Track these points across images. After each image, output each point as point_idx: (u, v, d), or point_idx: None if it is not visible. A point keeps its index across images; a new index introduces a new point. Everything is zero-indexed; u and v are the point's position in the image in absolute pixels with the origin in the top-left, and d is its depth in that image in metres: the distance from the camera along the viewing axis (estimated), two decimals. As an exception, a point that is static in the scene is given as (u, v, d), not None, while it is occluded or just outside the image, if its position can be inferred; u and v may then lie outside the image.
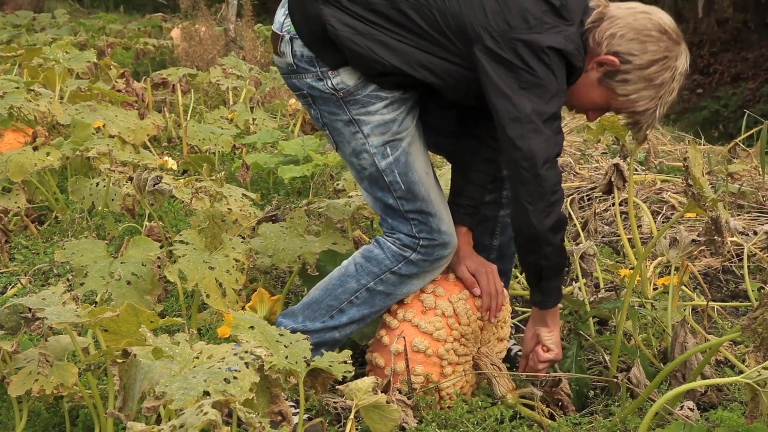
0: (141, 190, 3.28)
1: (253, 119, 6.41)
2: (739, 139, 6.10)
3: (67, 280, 3.67)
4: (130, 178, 3.39)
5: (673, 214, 4.64)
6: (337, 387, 2.37)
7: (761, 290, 3.70)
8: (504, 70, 2.52)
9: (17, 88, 4.96)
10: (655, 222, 4.51)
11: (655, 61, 2.58)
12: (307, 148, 5.05)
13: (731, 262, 4.14)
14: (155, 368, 1.89)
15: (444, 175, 3.36)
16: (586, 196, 5.09)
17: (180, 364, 1.89)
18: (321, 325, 2.76)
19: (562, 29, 2.54)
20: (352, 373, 2.28)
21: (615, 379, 2.85)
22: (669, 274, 3.74)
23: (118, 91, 6.07)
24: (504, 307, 2.87)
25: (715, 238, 2.82)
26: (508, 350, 3.10)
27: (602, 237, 4.48)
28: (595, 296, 3.26)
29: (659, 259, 3.82)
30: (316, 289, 2.82)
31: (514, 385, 2.79)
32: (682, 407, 2.61)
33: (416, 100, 2.73)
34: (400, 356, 2.71)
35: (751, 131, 6.22)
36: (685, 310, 3.29)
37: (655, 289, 3.59)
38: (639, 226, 4.41)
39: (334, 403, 2.70)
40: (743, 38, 17.29)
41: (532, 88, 2.52)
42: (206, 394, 1.76)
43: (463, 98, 2.73)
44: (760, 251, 4.06)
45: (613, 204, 4.67)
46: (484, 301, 2.80)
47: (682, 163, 2.72)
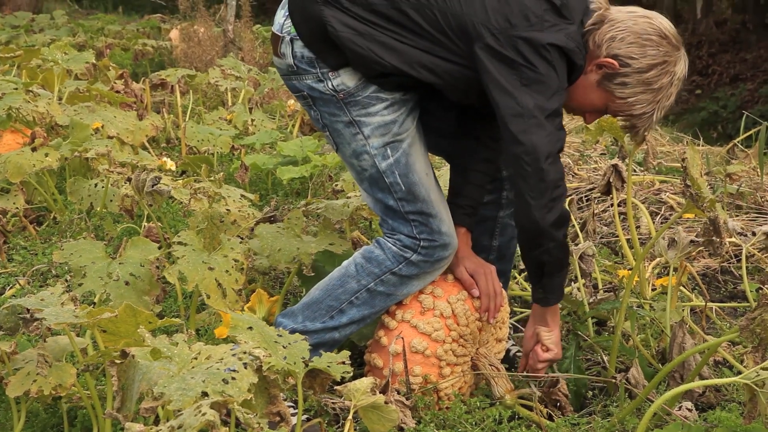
0: (139, 191, 3.29)
1: (252, 120, 6.40)
2: (738, 140, 6.09)
3: (66, 280, 3.67)
4: (129, 179, 3.38)
5: (671, 215, 4.64)
6: (335, 387, 2.37)
7: (759, 291, 3.70)
8: (505, 68, 2.52)
9: (16, 89, 4.95)
10: (654, 223, 4.52)
11: (655, 66, 2.59)
12: (305, 148, 5.05)
13: (730, 263, 4.14)
14: (153, 369, 1.89)
15: (443, 176, 3.36)
16: (585, 196, 5.09)
17: (178, 364, 1.89)
18: (321, 325, 2.76)
19: (562, 27, 2.54)
20: (351, 374, 2.28)
21: (613, 380, 2.85)
22: (667, 274, 3.74)
23: (117, 92, 6.07)
24: (502, 308, 2.87)
25: (714, 238, 2.82)
26: (507, 351, 3.10)
27: (601, 238, 4.48)
28: (593, 297, 3.26)
29: (658, 259, 3.82)
30: (316, 289, 2.82)
31: (512, 385, 2.79)
32: (680, 407, 2.61)
33: (417, 102, 2.73)
34: (399, 357, 2.71)
35: (750, 132, 6.22)
36: (683, 310, 3.29)
37: (653, 290, 3.59)
38: (637, 227, 4.41)
39: (333, 403, 2.70)
40: (742, 39, 17.31)
41: (533, 85, 2.52)
42: (204, 394, 1.76)
43: (464, 98, 2.73)
44: (758, 252, 4.06)
45: (612, 205, 4.67)
46: (482, 302, 2.80)
47: (680, 164, 2.72)
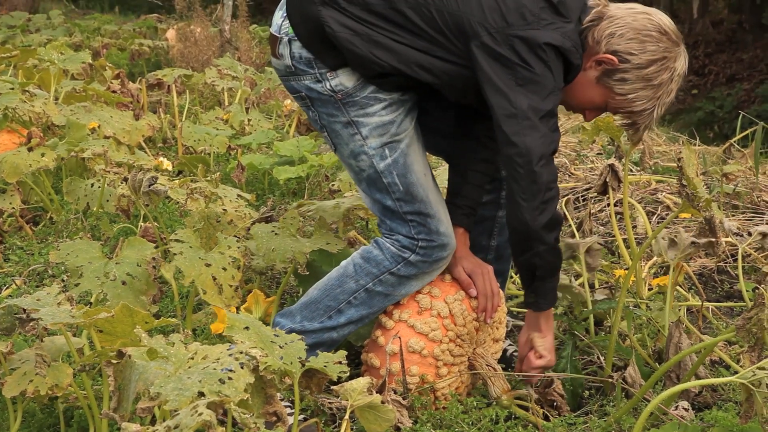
0: (136, 191, 3.28)
1: (249, 120, 6.41)
2: (734, 139, 6.10)
3: (62, 280, 3.67)
4: (125, 179, 3.38)
5: (668, 215, 4.64)
6: (332, 387, 2.37)
7: (756, 290, 3.70)
8: (500, 67, 2.52)
9: (12, 89, 4.96)
10: (650, 223, 4.52)
11: (654, 61, 2.58)
12: (302, 148, 5.06)
13: (726, 263, 4.15)
14: (150, 369, 1.89)
15: (440, 175, 3.36)
16: (581, 196, 5.10)
17: (175, 364, 1.89)
18: (319, 325, 2.75)
19: (559, 26, 2.54)
20: (348, 374, 2.28)
21: (610, 379, 2.85)
22: (664, 274, 3.75)
23: (114, 92, 6.08)
24: (500, 308, 2.87)
25: (711, 239, 2.82)
26: (504, 351, 3.10)
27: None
28: (591, 296, 3.26)
29: (654, 259, 3.83)
30: (314, 289, 2.81)
31: (509, 386, 2.79)
32: (676, 407, 2.62)
33: (415, 102, 2.73)
34: (396, 357, 2.71)
35: (746, 132, 6.24)
36: (680, 310, 3.29)
37: (650, 290, 3.59)
38: (634, 227, 4.42)
39: (330, 403, 2.70)
40: (738, 39, 17.33)
41: (528, 85, 2.52)
42: (201, 394, 1.75)
43: (462, 97, 2.73)
44: (754, 252, 4.06)
45: (608, 204, 4.68)
46: (480, 302, 2.79)
47: (676, 164, 2.72)
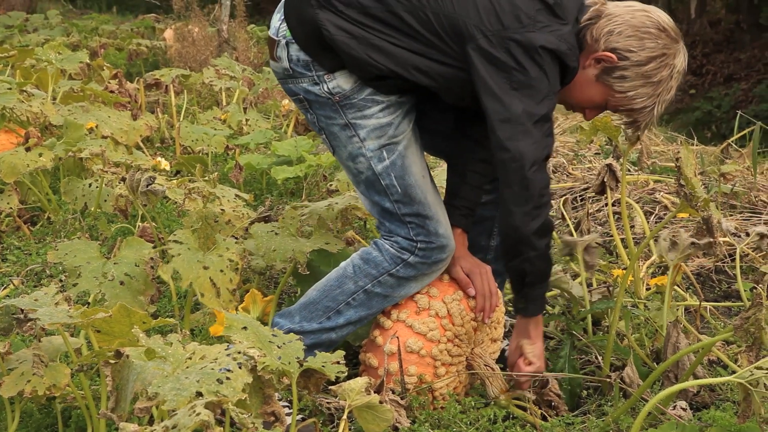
0: (134, 191, 3.28)
1: (246, 120, 6.40)
2: (732, 139, 6.12)
3: (60, 280, 3.66)
4: (123, 179, 3.38)
5: (665, 215, 4.64)
6: (330, 387, 2.37)
7: (753, 290, 3.70)
8: (496, 71, 2.52)
9: (10, 89, 4.95)
10: (648, 222, 4.52)
11: (653, 58, 2.58)
12: (300, 148, 5.05)
13: (724, 263, 4.15)
14: (148, 369, 1.89)
15: (438, 176, 3.36)
16: (579, 196, 5.10)
17: (173, 364, 1.89)
18: (318, 326, 2.75)
19: (555, 28, 2.54)
20: (346, 374, 2.28)
21: (608, 379, 2.85)
22: (662, 274, 3.75)
23: (111, 91, 6.07)
24: (498, 308, 2.87)
25: (710, 239, 2.82)
26: (502, 351, 3.10)
27: (595, 237, 4.48)
28: (589, 296, 3.26)
29: (652, 259, 3.83)
30: (313, 289, 2.81)
31: (507, 385, 2.79)
32: (674, 407, 2.62)
33: (413, 104, 2.73)
34: (394, 357, 2.71)
35: (744, 132, 6.24)
36: (677, 310, 3.29)
37: (647, 289, 3.59)
38: (632, 227, 4.42)
39: (328, 403, 2.70)
40: (736, 39, 17.34)
41: (523, 89, 2.52)
42: (199, 394, 1.75)
43: (459, 100, 2.73)
44: (752, 251, 4.07)
45: (606, 204, 4.68)
46: (478, 302, 2.79)
47: (674, 164, 2.72)
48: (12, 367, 2.37)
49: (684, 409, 2.61)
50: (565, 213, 3.98)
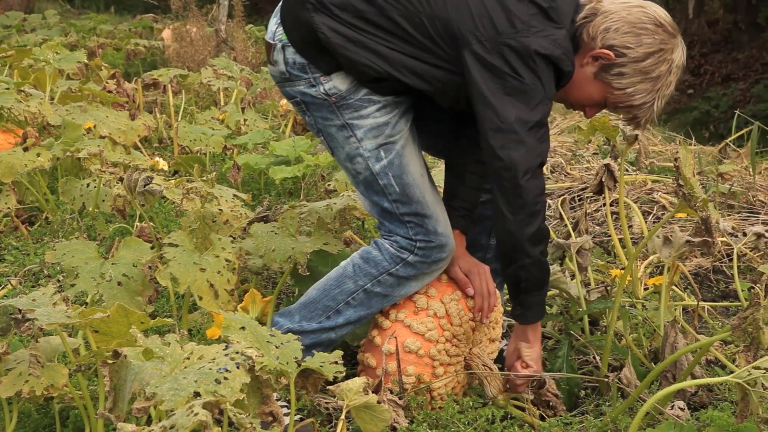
0: (132, 191, 3.28)
1: (244, 120, 6.40)
2: (730, 139, 6.12)
3: (58, 281, 3.66)
4: (121, 179, 3.38)
5: (663, 215, 4.64)
6: (328, 387, 2.37)
7: (751, 290, 3.70)
8: (490, 76, 2.51)
9: (7, 88, 4.95)
10: (646, 222, 4.52)
11: (651, 54, 2.57)
12: (298, 148, 5.05)
13: (721, 262, 4.15)
14: (146, 369, 1.89)
15: (437, 175, 3.36)
16: (577, 196, 5.10)
17: (170, 364, 1.89)
18: (317, 325, 2.75)
19: (549, 33, 2.53)
20: (344, 374, 2.28)
21: (606, 379, 2.85)
22: (660, 274, 3.75)
23: (109, 91, 6.06)
24: (496, 308, 2.87)
25: (707, 238, 2.82)
26: (500, 351, 3.10)
27: (593, 237, 4.49)
28: (586, 296, 3.26)
29: (650, 259, 3.83)
30: (313, 289, 2.81)
31: (505, 386, 2.79)
32: (672, 407, 2.62)
33: (410, 103, 2.73)
34: (392, 356, 2.71)
35: (742, 132, 6.25)
36: (675, 310, 3.29)
37: (645, 289, 3.59)
38: (630, 227, 4.42)
39: (326, 403, 2.70)
40: (733, 39, 17.34)
41: (517, 95, 2.51)
42: (197, 394, 1.75)
43: (454, 103, 2.72)
44: (750, 251, 4.07)
45: (604, 204, 4.68)
46: (476, 302, 2.79)
47: (672, 164, 2.72)
48: (10, 368, 2.37)
49: (682, 409, 2.61)
50: (563, 213, 3.97)
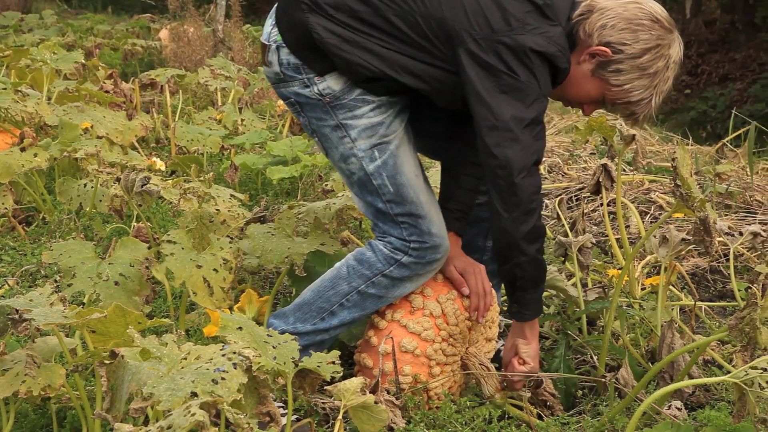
0: (129, 191, 3.28)
1: (242, 120, 6.40)
2: (727, 139, 6.12)
3: (55, 281, 3.66)
4: (118, 179, 3.37)
5: (661, 215, 4.65)
6: (325, 388, 2.37)
7: (748, 290, 3.70)
8: (486, 74, 2.51)
9: (5, 89, 4.95)
10: (643, 222, 4.53)
11: (648, 50, 2.57)
12: (295, 148, 5.05)
13: (718, 262, 4.15)
14: (143, 369, 1.89)
15: (432, 176, 3.36)
16: (575, 196, 5.10)
17: (168, 365, 1.89)
18: (311, 327, 2.75)
19: (544, 30, 2.53)
20: (341, 374, 2.27)
21: (603, 379, 2.85)
22: (657, 274, 3.76)
23: (106, 92, 6.07)
24: (492, 308, 2.87)
25: (705, 238, 2.82)
26: (497, 351, 3.10)
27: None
28: (583, 296, 3.27)
29: (647, 259, 3.83)
30: (308, 290, 2.81)
31: (502, 385, 2.79)
32: (669, 407, 2.62)
33: (405, 104, 2.73)
34: (389, 357, 2.71)
35: (739, 132, 6.26)
36: (672, 310, 3.30)
37: (642, 289, 3.60)
38: (627, 227, 4.42)
39: (323, 403, 2.70)
40: (731, 39, 17.36)
41: (512, 92, 2.51)
42: (194, 395, 1.75)
43: (450, 103, 2.72)
44: (747, 251, 4.07)
45: (601, 204, 4.68)
46: (472, 301, 2.79)
47: (670, 164, 2.73)
48: (7, 368, 2.36)
49: (679, 409, 2.61)
50: (560, 213, 3.97)
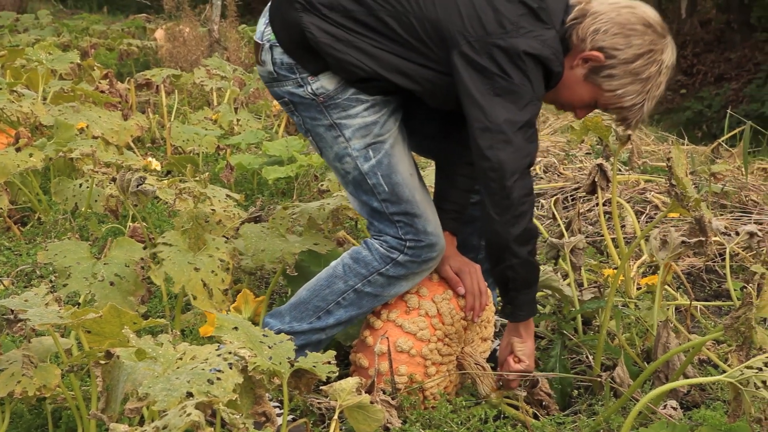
0: (124, 191, 3.27)
1: (237, 120, 6.40)
2: (722, 139, 6.13)
3: (50, 281, 3.66)
4: (114, 179, 3.37)
5: (656, 214, 4.65)
6: (321, 387, 2.37)
7: (743, 289, 3.71)
8: (479, 77, 2.51)
9: (0, 89, 4.94)
10: (639, 222, 4.53)
11: (641, 55, 2.57)
12: (291, 148, 5.05)
13: (714, 262, 4.16)
14: (138, 369, 1.89)
15: (428, 176, 3.36)
16: (570, 196, 5.11)
17: (163, 365, 1.89)
18: (308, 326, 2.75)
19: (538, 33, 2.52)
20: (337, 374, 2.28)
21: (599, 379, 2.86)
22: (652, 273, 3.76)
23: (102, 92, 6.06)
24: (488, 307, 2.87)
25: (701, 238, 2.83)
26: (493, 350, 3.11)
27: (586, 237, 4.49)
28: (579, 296, 3.27)
29: (643, 258, 3.84)
30: (303, 289, 2.81)
31: (497, 384, 2.79)
32: (665, 406, 2.62)
33: (399, 103, 2.72)
34: (384, 356, 2.71)
35: (734, 131, 6.26)
36: (668, 309, 3.30)
37: (638, 289, 3.60)
38: (623, 226, 4.43)
39: (319, 403, 2.70)
40: (726, 39, 17.39)
41: (506, 95, 2.51)
42: (189, 395, 1.75)
43: (443, 104, 2.72)
44: (742, 251, 4.08)
45: (597, 204, 4.69)
46: (467, 301, 2.79)
47: (665, 164, 2.72)
48: (2, 368, 2.36)
49: (674, 409, 2.61)
50: (556, 213, 3.98)
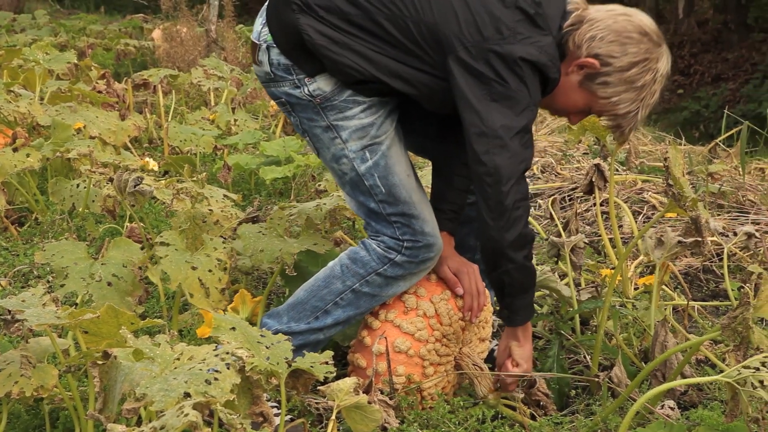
0: (122, 192, 3.27)
1: (235, 120, 6.40)
2: (720, 139, 6.14)
3: (48, 281, 3.65)
4: (111, 180, 3.37)
5: (653, 214, 4.65)
6: (318, 388, 2.37)
7: (741, 290, 3.71)
8: (476, 82, 2.50)
9: (-3, 89, 4.94)
10: (636, 222, 4.53)
11: (636, 63, 2.57)
12: (288, 148, 5.05)
13: (711, 262, 4.16)
14: (136, 370, 1.88)
15: (425, 176, 3.36)
16: (568, 196, 5.11)
17: (161, 365, 1.88)
18: (306, 326, 2.75)
19: (536, 39, 2.52)
20: (334, 374, 2.28)
21: (596, 379, 2.85)
22: (650, 273, 3.76)
23: (99, 92, 6.05)
24: (486, 308, 2.87)
25: (697, 238, 2.83)
26: (491, 351, 3.11)
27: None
28: (576, 296, 3.27)
29: (640, 258, 3.84)
30: (301, 289, 2.81)
31: (495, 385, 2.79)
32: (662, 406, 2.62)
33: (396, 104, 2.72)
34: (382, 357, 2.71)
35: (731, 131, 6.27)
36: (665, 309, 3.30)
37: (636, 289, 3.60)
38: (620, 226, 4.43)
39: (316, 403, 2.70)
40: (723, 39, 17.41)
41: (503, 101, 2.50)
42: (187, 395, 1.75)
43: (440, 108, 2.71)
44: (739, 251, 4.08)
45: (595, 204, 4.69)
46: (465, 301, 2.79)
47: (662, 164, 2.72)
48: (-1, 369, 2.36)
49: (672, 408, 2.61)
50: (553, 213, 3.98)
